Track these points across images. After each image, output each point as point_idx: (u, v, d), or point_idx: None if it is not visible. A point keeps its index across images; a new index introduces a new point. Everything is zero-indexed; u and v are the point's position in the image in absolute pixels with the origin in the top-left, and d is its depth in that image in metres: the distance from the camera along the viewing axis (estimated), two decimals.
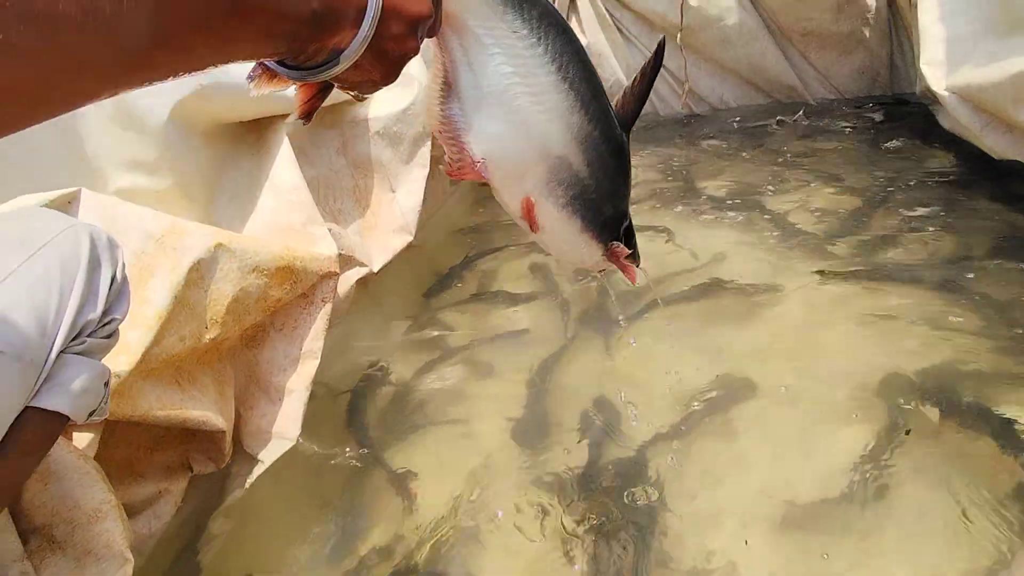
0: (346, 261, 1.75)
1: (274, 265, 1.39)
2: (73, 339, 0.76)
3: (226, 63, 0.42)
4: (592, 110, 0.77)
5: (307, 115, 0.60)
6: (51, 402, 0.74)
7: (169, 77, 0.39)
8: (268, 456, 1.46)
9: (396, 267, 2.14)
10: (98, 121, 1.39)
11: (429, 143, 2.32)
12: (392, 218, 2.21)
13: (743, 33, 3.54)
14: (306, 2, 0.44)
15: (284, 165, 1.67)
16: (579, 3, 3.92)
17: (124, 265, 0.85)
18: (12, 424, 0.71)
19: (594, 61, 3.77)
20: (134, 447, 1.24)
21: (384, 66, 0.55)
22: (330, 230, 1.69)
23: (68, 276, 0.75)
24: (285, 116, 1.79)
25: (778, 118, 3.42)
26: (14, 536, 0.87)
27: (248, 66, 0.53)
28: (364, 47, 0.50)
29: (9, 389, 0.69)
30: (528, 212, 0.79)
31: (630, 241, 0.89)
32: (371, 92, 0.59)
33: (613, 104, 0.82)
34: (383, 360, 1.85)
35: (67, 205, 1.14)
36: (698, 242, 2.21)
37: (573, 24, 3.96)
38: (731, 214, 2.40)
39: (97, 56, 0.34)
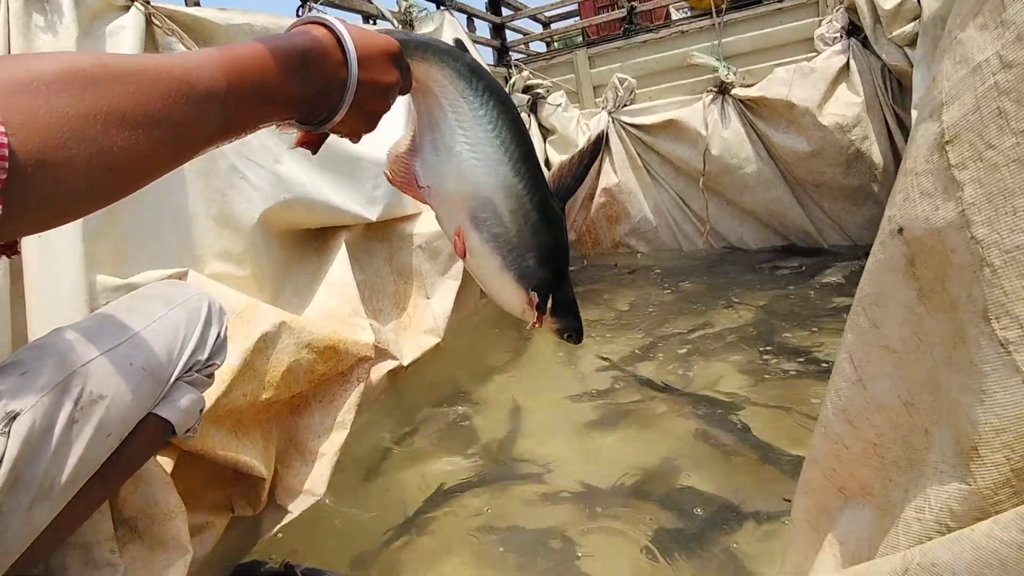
0: (381, 353, 2.05)
1: (322, 344, 1.70)
2: (186, 372, 1.07)
3: (264, 126, 0.63)
4: (518, 167, 0.90)
5: (312, 146, 0.75)
6: (165, 412, 1.03)
7: (230, 140, 0.59)
8: (296, 508, 1.70)
9: (422, 365, 2.40)
10: (205, 220, 1.77)
11: None
12: (424, 321, 2.50)
13: (761, 181, 3.77)
14: (310, 88, 0.64)
15: (339, 265, 2.02)
16: (612, 146, 4.22)
17: (226, 327, 1.18)
18: (136, 425, 1.01)
19: (624, 197, 4.22)
20: (193, 482, 1.49)
21: (364, 120, 0.72)
22: (371, 325, 2.01)
23: (191, 327, 1.08)
24: (346, 227, 2.17)
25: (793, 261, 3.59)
26: (109, 522, 1.13)
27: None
28: (346, 109, 0.68)
29: (143, 397, 0.99)
30: (458, 238, 0.92)
31: (570, 309, 1.01)
32: (359, 137, 0.75)
33: (548, 177, 0.96)
34: (401, 441, 2.11)
35: (178, 280, 1.49)
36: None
37: (606, 164, 4.28)
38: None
39: (193, 142, 0.54)
